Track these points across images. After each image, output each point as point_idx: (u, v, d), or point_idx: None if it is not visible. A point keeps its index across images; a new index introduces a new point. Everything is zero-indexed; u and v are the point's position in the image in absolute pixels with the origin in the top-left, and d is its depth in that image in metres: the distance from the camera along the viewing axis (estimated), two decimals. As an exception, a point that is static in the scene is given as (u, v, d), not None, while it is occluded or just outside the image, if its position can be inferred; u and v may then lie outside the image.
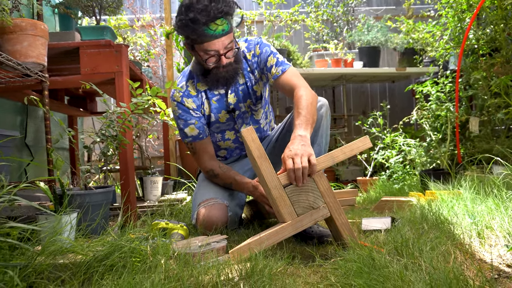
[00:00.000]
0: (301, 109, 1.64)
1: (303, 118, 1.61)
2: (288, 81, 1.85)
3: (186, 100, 1.92)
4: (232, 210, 1.90)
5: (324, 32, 4.48)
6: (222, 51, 1.78)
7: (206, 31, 1.71)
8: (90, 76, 2.08)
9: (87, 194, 1.71)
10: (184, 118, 1.92)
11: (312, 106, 1.68)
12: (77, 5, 2.24)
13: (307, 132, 1.57)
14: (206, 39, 1.73)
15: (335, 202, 1.48)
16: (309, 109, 1.65)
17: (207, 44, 1.75)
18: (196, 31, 1.71)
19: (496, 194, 1.76)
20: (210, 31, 1.71)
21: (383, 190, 3.04)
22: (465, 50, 3.05)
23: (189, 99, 1.92)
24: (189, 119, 1.92)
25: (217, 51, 1.77)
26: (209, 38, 1.73)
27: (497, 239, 1.44)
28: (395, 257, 1.24)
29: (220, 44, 1.76)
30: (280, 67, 1.88)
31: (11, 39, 1.71)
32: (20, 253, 1.21)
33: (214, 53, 1.78)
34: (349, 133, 4.57)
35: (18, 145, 2.62)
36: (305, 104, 1.66)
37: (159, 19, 4.44)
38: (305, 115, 1.62)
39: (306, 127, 1.58)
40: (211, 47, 1.75)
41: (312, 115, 1.66)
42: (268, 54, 1.92)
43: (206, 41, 1.74)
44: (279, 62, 1.89)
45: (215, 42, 1.74)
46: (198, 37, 1.73)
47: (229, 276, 1.21)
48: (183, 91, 1.93)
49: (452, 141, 3.04)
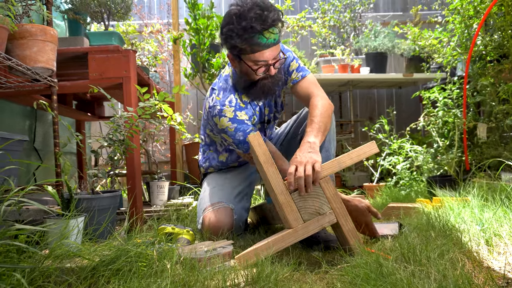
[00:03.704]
0: (314, 117, 1.66)
1: (315, 126, 1.62)
2: (306, 88, 1.85)
3: (239, 113, 1.83)
4: (238, 213, 1.90)
5: (331, 38, 4.49)
6: (271, 61, 1.73)
7: (260, 40, 1.66)
8: (98, 81, 2.10)
9: (94, 198, 1.72)
10: (243, 130, 1.81)
11: (326, 115, 1.69)
12: (86, 11, 2.27)
13: (317, 139, 1.58)
14: (259, 49, 1.68)
15: (341, 208, 1.48)
16: (323, 117, 1.67)
17: (258, 54, 1.69)
18: (248, 40, 1.66)
19: (505, 201, 1.75)
20: (263, 40, 1.66)
21: (390, 197, 3.02)
22: (472, 56, 3.03)
23: (241, 111, 1.84)
24: (247, 128, 1.81)
25: (266, 61, 1.72)
26: (261, 47, 1.68)
27: (506, 246, 1.43)
28: (402, 264, 1.23)
29: (271, 54, 1.71)
30: (300, 73, 1.89)
31: (21, 44, 1.73)
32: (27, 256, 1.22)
33: (264, 63, 1.72)
34: (356, 139, 4.55)
35: (27, 149, 2.64)
36: (319, 112, 1.68)
37: (166, 25, 4.47)
38: (317, 122, 1.64)
39: (317, 134, 1.60)
40: (262, 57, 1.70)
41: (325, 124, 1.67)
42: (291, 59, 1.92)
43: (257, 50, 1.68)
44: (300, 67, 1.90)
45: (266, 51, 1.69)
46: (250, 46, 1.67)
47: (235, 281, 1.21)
48: (235, 104, 1.83)
49: (459, 148, 3.02)
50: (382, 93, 4.96)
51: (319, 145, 1.57)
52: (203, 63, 3.47)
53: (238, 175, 2.06)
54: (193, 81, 3.61)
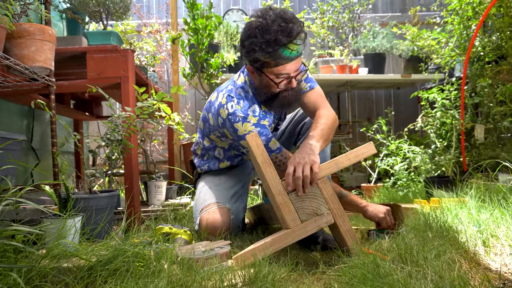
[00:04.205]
0: (319, 124, 1.68)
1: (318, 131, 1.64)
2: (313, 100, 1.85)
3: (263, 121, 1.79)
4: (234, 212, 1.90)
5: (330, 38, 4.49)
6: (293, 74, 1.70)
7: (284, 53, 1.62)
8: (96, 80, 2.10)
9: (92, 198, 1.72)
10: (265, 134, 1.76)
11: (331, 126, 1.71)
12: (84, 10, 2.26)
13: (318, 143, 1.60)
14: (282, 62, 1.64)
15: (339, 209, 1.48)
16: (327, 127, 1.68)
17: (282, 67, 1.66)
18: (272, 54, 1.62)
19: (502, 202, 1.75)
20: (287, 53, 1.62)
21: (388, 197, 3.03)
22: (471, 57, 3.04)
23: (265, 120, 1.81)
24: (268, 134, 1.77)
25: (289, 74, 1.68)
26: (285, 60, 1.64)
27: (503, 247, 1.43)
28: (399, 264, 1.24)
29: (294, 66, 1.68)
30: (308, 84, 1.88)
31: (19, 43, 1.72)
32: (24, 256, 1.22)
33: (286, 76, 1.69)
34: (354, 140, 4.55)
35: (25, 148, 2.63)
36: (324, 121, 1.70)
37: (165, 25, 4.46)
38: (321, 129, 1.66)
39: (319, 139, 1.62)
40: (285, 70, 1.66)
41: (328, 133, 1.68)
42: None
43: (281, 64, 1.64)
44: (308, 78, 1.89)
45: (289, 64, 1.66)
46: (274, 59, 1.63)
47: (232, 282, 1.21)
48: (257, 114, 1.79)
49: (457, 149, 3.02)
50: (380, 93, 4.96)
51: (319, 150, 1.59)
52: (201, 63, 3.46)
53: (234, 175, 2.06)
54: (192, 81, 3.60)
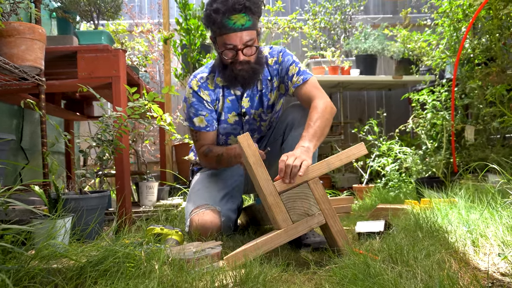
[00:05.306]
0: (311, 121, 1.69)
1: (310, 131, 1.66)
2: (307, 92, 1.87)
3: (202, 91, 1.95)
4: (225, 215, 1.89)
5: (322, 39, 4.51)
6: (240, 46, 1.80)
7: (225, 22, 1.76)
8: (87, 80, 2.08)
9: (82, 199, 1.70)
10: (196, 108, 1.95)
11: (323, 118, 1.71)
12: (75, 10, 2.25)
13: (311, 144, 1.61)
14: (225, 31, 1.78)
15: (330, 209, 1.49)
16: (320, 121, 1.69)
17: (226, 37, 1.79)
18: (216, 22, 1.77)
19: (491, 203, 1.77)
20: (230, 23, 1.76)
21: (379, 198, 3.04)
22: (461, 59, 3.07)
23: (205, 91, 1.96)
24: (201, 109, 1.95)
25: (234, 45, 1.80)
26: (227, 30, 1.77)
27: (492, 247, 1.44)
28: (390, 264, 1.24)
29: (238, 38, 1.79)
30: (301, 76, 1.90)
31: (8, 42, 1.70)
32: (13, 257, 1.20)
33: (231, 47, 1.81)
34: (346, 140, 4.57)
35: (14, 148, 2.61)
36: (316, 116, 1.70)
37: (157, 25, 4.45)
38: (314, 127, 1.66)
39: (311, 140, 1.63)
40: (229, 40, 1.79)
41: (322, 129, 1.69)
42: (290, 63, 1.94)
43: (224, 33, 1.78)
44: (300, 71, 1.91)
45: (233, 35, 1.78)
46: (218, 28, 1.78)
47: (223, 282, 1.21)
48: (203, 82, 1.96)
49: (447, 150, 3.05)
50: (372, 95, 4.99)
51: (313, 150, 1.60)
52: (193, 64, 3.46)
53: (226, 175, 2.06)
54: (184, 82, 3.59)
